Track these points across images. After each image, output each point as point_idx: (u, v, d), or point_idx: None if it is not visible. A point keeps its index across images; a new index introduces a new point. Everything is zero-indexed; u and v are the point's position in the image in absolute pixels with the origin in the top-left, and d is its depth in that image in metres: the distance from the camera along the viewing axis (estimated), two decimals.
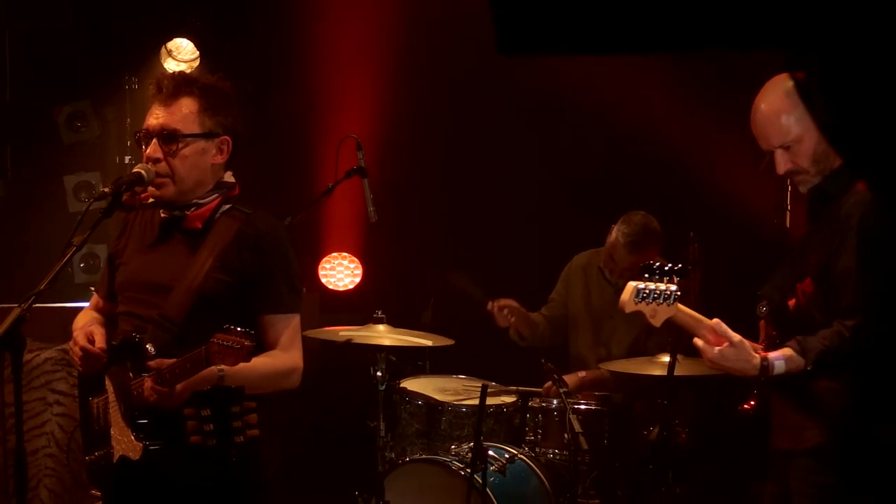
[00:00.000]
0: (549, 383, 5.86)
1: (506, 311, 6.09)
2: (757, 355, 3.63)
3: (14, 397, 3.36)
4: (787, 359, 3.61)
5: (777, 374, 3.62)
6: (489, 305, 6.11)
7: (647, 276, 3.55)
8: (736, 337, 3.63)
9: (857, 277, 3.57)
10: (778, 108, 3.74)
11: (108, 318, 4.00)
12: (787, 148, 3.75)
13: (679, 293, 3.57)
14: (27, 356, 5.52)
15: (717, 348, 3.64)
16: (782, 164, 3.77)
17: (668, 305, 3.60)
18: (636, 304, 3.56)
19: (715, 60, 5.73)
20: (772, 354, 3.62)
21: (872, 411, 3.65)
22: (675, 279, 3.56)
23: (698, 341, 3.66)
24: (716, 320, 3.65)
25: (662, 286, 3.57)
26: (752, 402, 4.01)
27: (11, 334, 3.32)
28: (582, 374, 6.19)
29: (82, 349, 3.69)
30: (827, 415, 3.72)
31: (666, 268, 3.55)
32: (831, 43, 1.47)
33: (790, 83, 3.74)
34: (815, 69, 1.54)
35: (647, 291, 3.54)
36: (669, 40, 1.53)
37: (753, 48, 1.53)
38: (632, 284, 3.56)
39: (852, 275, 3.58)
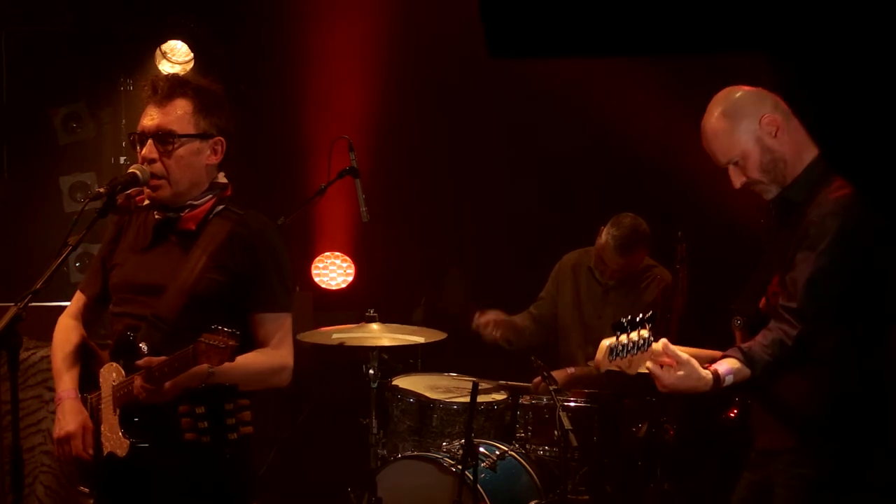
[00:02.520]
0: (538, 378, 5.90)
1: (490, 327, 6.16)
2: (707, 371, 3.63)
3: (10, 395, 3.39)
4: (735, 371, 3.63)
5: (727, 385, 3.64)
6: (474, 323, 6.17)
7: (618, 332, 3.58)
8: (684, 356, 3.63)
9: (810, 287, 3.61)
10: (719, 129, 3.82)
11: (91, 322, 4.05)
12: (736, 164, 3.83)
13: (652, 338, 3.61)
14: (23, 354, 5.53)
15: (671, 374, 3.62)
16: (736, 179, 3.85)
17: (644, 352, 3.65)
18: (610, 362, 3.60)
19: (703, 61, 5.78)
20: (721, 368, 3.63)
21: (845, 406, 3.72)
22: (648, 326, 3.60)
23: (651, 366, 3.65)
24: (662, 341, 3.64)
25: (635, 337, 3.59)
26: (735, 411, 4.03)
27: (8, 333, 3.35)
28: (571, 370, 6.22)
29: (77, 457, 3.79)
30: (802, 414, 3.77)
31: (637, 319, 3.59)
32: (815, 44, 1.49)
33: (730, 99, 3.83)
34: (799, 70, 1.56)
35: (620, 347, 3.58)
36: (657, 43, 1.55)
37: (740, 50, 1.56)
38: (604, 344, 3.56)
39: (804, 283, 3.62)
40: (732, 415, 4.17)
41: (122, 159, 7.61)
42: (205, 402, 3.56)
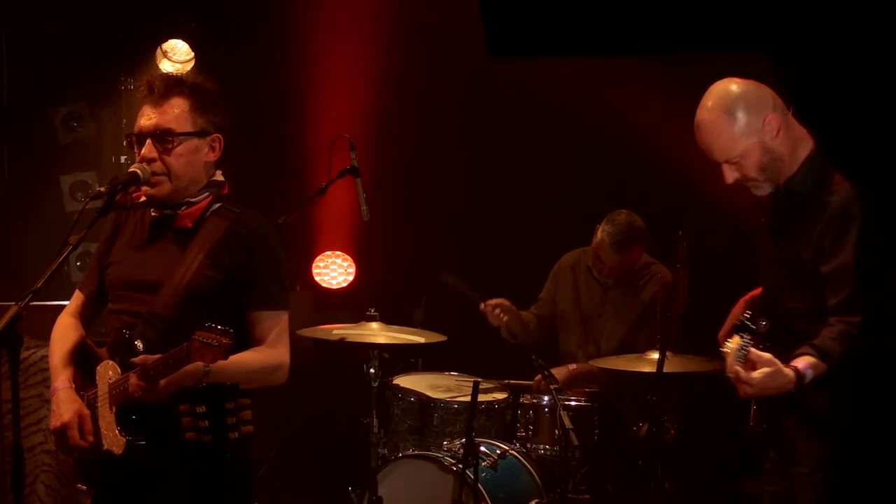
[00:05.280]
0: (539, 377, 5.91)
1: (498, 311, 6.11)
2: (790, 370, 3.63)
3: (11, 394, 3.39)
4: (813, 366, 3.63)
5: (808, 381, 3.64)
6: (481, 306, 6.15)
7: (743, 335, 3.60)
8: (767, 356, 3.63)
9: (857, 272, 3.59)
10: (718, 126, 3.78)
11: (90, 319, 4.05)
12: (734, 163, 3.81)
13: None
14: (24, 353, 5.54)
15: (759, 372, 3.63)
16: (729, 175, 3.83)
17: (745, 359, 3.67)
18: (738, 361, 3.63)
19: (702, 60, 5.78)
20: (800, 365, 3.63)
21: (868, 419, 3.70)
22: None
23: (739, 372, 3.65)
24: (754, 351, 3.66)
25: (750, 342, 3.62)
26: (763, 424, 3.98)
27: (9, 332, 3.36)
28: (572, 366, 6.23)
29: (75, 446, 3.78)
30: (825, 427, 3.77)
31: (755, 325, 3.61)
32: (817, 43, 1.49)
33: (731, 95, 3.78)
34: (801, 70, 1.56)
35: (746, 351, 3.61)
36: (656, 42, 1.55)
37: (740, 49, 1.55)
38: (732, 346, 3.62)
39: (850, 270, 3.61)
40: (760, 428, 4.11)
41: (122, 158, 7.61)
42: (205, 401, 3.57)
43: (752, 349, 3.65)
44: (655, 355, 5.28)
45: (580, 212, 6.71)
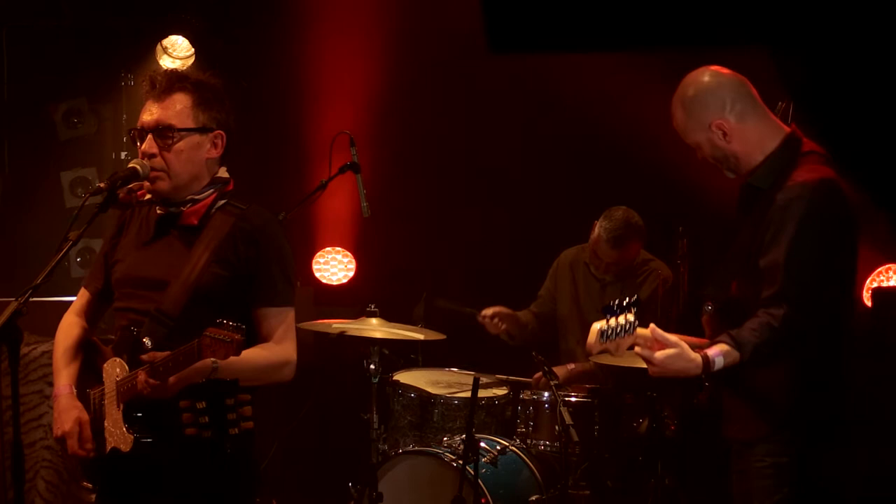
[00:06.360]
0: (539, 374, 5.91)
1: (496, 320, 6.17)
2: (697, 354, 3.72)
3: (11, 390, 3.39)
4: (725, 354, 3.71)
5: (717, 369, 3.72)
6: (479, 317, 6.19)
7: (608, 316, 3.66)
8: (673, 338, 3.72)
9: (788, 268, 3.72)
10: (678, 115, 4.05)
11: (95, 317, 4.05)
12: (694, 147, 4.05)
13: (637, 322, 3.68)
14: (24, 349, 5.54)
15: (661, 353, 3.71)
16: (698, 154, 4.08)
17: (629, 335, 3.71)
18: (602, 344, 3.68)
19: (701, 55, 5.78)
20: (710, 351, 3.72)
21: (815, 397, 3.83)
22: (633, 310, 3.67)
23: (640, 350, 3.74)
24: (651, 326, 3.74)
25: (622, 320, 3.67)
26: (708, 398, 4.13)
27: (9, 328, 3.36)
28: (571, 366, 6.24)
29: (74, 455, 3.80)
30: (773, 405, 3.87)
31: (624, 303, 3.66)
32: (816, 37, 1.49)
33: (689, 90, 4.01)
34: (801, 63, 1.56)
35: (609, 330, 3.66)
36: (656, 37, 1.56)
37: (739, 44, 1.56)
38: (595, 327, 3.68)
39: (781, 265, 3.73)
40: (703, 399, 4.25)
41: (122, 154, 7.61)
42: (205, 397, 3.57)
43: (660, 331, 3.73)
44: None
45: (579, 208, 6.71)
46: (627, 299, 3.66)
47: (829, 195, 3.80)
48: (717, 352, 3.71)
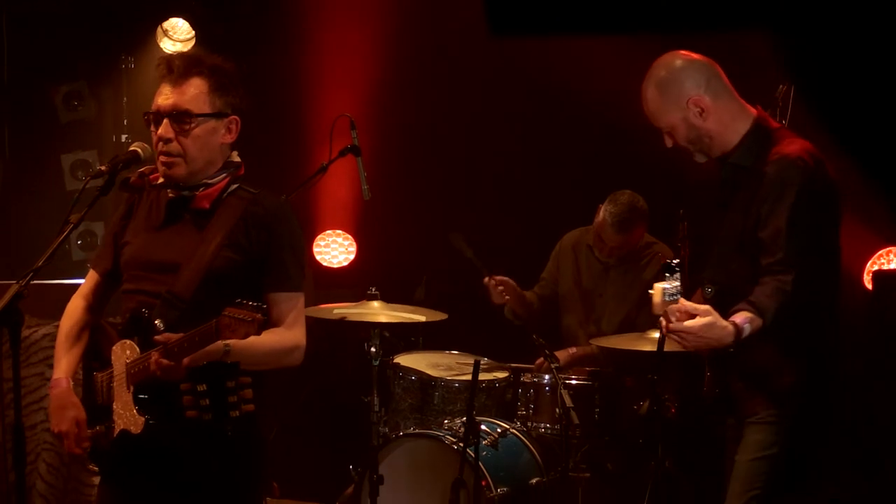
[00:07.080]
0: (541, 359, 5.92)
1: (501, 289, 6.10)
2: (728, 322, 3.74)
3: (12, 373, 3.39)
4: (750, 321, 3.75)
5: (746, 336, 3.75)
6: (486, 279, 6.13)
7: (667, 275, 3.68)
8: (704, 307, 3.75)
9: (790, 234, 3.77)
10: (650, 98, 4.08)
11: (103, 299, 4.04)
12: (666, 132, 4.09)
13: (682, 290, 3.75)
14: (25, 332, 5.57)
15: (697, 321, 3.73)
16: (667, 141, 4.12)
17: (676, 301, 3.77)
18: (665, 303, 3.73)
19: (704, 39, 5.77)
20: (737, 319, 3.75)
21: (816, 386, 3.89)
22: (677, 275, 3.72)
23: (672, 324, 3.76)
24: (680, 299, 3.77)
25: (678, 283, 3.71)
26: (716, 389, 4.16)
27: (9, 310, 3.36)
28: (572, 350, 6.25)
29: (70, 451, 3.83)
30: (773, 388, 3.93)
31: (674, 263, 3.73)
32: (816, 22, 1.51)
33: (662, 71, 4.05)
34: (801, 48, 1.58)
35: (673, 289, 3.69)
36: (658, 21, 1.58)
37: (740, 29, 1.57)
38: (658, 287, 3.70)
39: (783, 233, 3.78)
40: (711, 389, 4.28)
41: (123, 137, 7.62)
42: (206, 379, 3.57)
43: (689, 302, 3.76)
44: (656, 334, 5.29)
45: (582, 191, 6.71)
46: (678, 260, 3.70)
47: (819, 162, 3.88)
48: (744, 318, 3.74)
